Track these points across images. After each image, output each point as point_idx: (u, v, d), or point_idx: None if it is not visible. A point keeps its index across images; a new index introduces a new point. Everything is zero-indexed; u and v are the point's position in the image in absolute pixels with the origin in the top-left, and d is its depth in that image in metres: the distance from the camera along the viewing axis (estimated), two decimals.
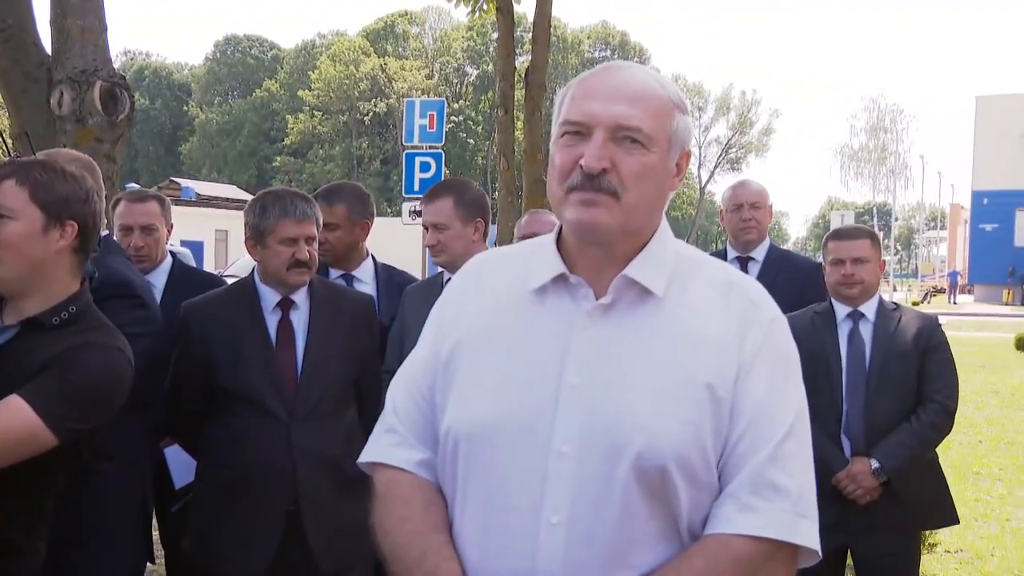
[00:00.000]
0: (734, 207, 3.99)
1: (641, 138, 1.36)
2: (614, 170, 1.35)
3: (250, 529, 2.60)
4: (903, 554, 3.18)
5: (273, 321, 2.73)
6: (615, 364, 1.36)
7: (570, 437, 1.34)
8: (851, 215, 30.17)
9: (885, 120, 56.37)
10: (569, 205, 1.38)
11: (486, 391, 1.40)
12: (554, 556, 1.32)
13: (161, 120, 70.05)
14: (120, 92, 3.66)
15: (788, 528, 1.34)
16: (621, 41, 69.19)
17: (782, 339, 1.43)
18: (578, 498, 1.32)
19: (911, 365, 3.15)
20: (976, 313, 30.99)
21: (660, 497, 1.33)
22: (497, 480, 1.36)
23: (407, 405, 1.52)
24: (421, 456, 1.48)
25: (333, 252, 3.46)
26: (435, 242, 3.11)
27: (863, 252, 3.19)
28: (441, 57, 67.59)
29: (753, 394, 1.37)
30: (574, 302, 1.41)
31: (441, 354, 1.48)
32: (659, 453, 1.31)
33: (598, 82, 1.41)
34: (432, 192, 3.19)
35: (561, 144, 1.40)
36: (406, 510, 1.44)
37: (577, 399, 1.35)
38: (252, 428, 2.63)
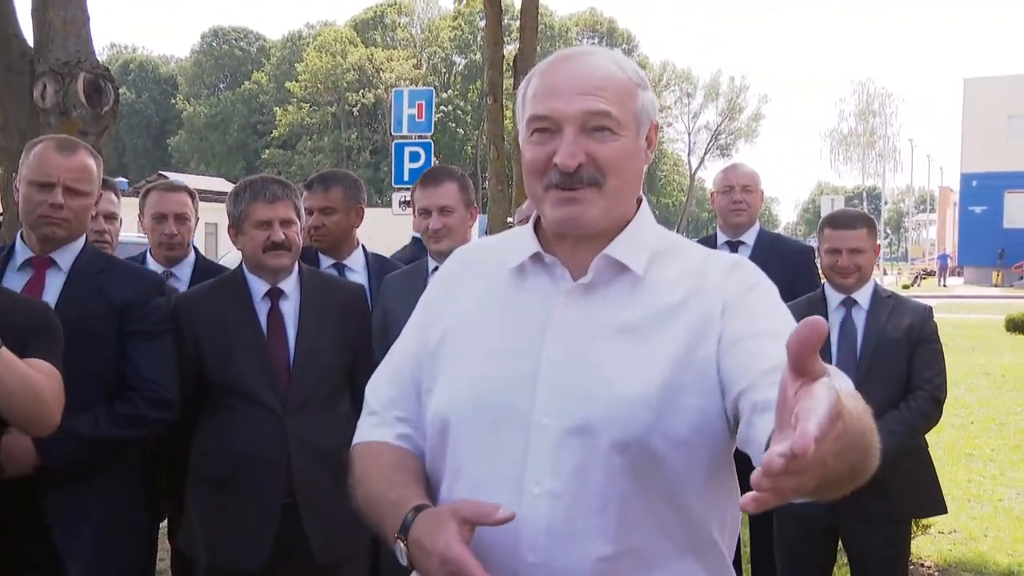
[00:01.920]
0: (725, 189, 3.99)
1: (611, 124, 1.37)
2: (590, 161, 1.37)
3: (246, 522, 2.59)
4: (893, 539, 3.19)
5: (263, 311, 2.71)
6: (593, 339, 1.38)
7: (550, 410, 1.35)
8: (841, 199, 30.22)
9: (874, 104, 56.43)
10: (548, 202, 1.40)
11: (468, 373, 1.42)
12: (536, 526, 1.33)
13: (148, 114, 69.62)
14: (104, 84, 3.62)
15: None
16: (609, 28, 69.04)
17: (770, 295, 1.40)
18: (558, 469, 1.33)
19: (901, 355, 3.14)
20: (966, 295, 31.13)
21: (644, 468, 1.33)
22: (481, 456, 1.38)
23: (391, 392, 1.54)
24: (400, 431, 1.50)
25: (331, 237, 3.47)
26: (441, 226, 3.06)
27: (860, 242, 3.17)
28: (429, 47, 67.31)
29: (747, 317, 1.34)
30: (552, 281, 1.44)
31: (428, 344, 1.49)
32: (637, 427, 1.31)
33: (559, 75, 1.41)
34: (434, 176, 3.15)
35: (531, 142, 1.41)
36: (379, 459, 1.47)
37: (556, 373, 1.36)
38: (245, 420, 2.61)
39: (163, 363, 2.52)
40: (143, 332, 2.50)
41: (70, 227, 2.46)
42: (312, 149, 62.46)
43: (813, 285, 3.37)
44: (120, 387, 2.47)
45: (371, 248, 3.69)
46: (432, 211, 3.07)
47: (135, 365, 2.47)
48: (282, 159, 62.50)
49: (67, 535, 2.39)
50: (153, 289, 2.59)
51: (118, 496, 2.50)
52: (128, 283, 2.54)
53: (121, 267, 2.62)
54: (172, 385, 2.52)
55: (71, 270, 2.49)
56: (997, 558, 4.90)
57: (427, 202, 3.09)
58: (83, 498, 2.42)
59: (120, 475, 2.52)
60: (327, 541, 2.63)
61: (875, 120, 55.97)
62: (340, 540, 2.66)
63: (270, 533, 2.58)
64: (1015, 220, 38.84)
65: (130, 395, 2.46)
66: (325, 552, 2.63)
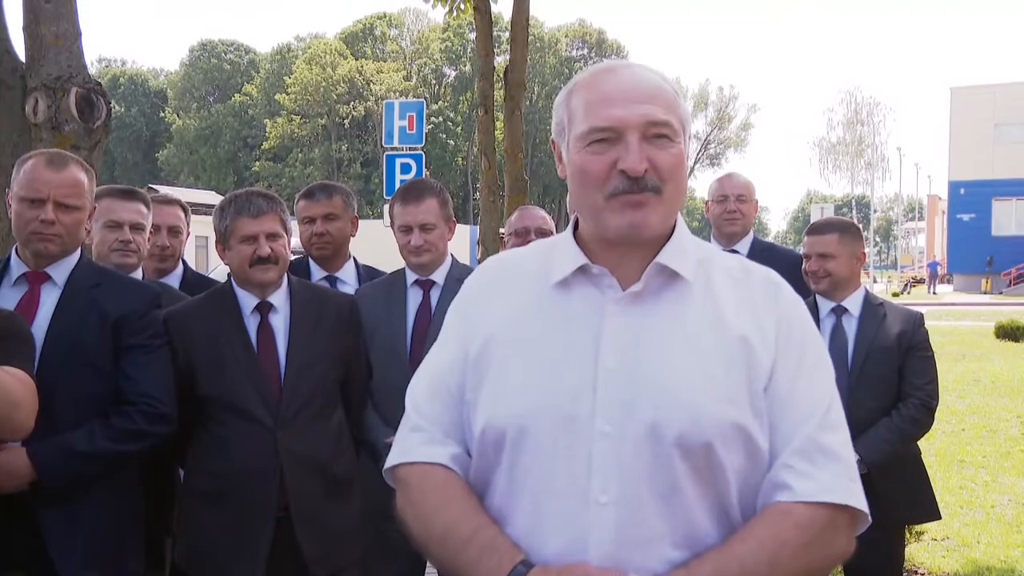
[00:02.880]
0: (720, 198, 4.00)
1: (669, 132, 1.41)
2: (652, 168, 1.39)
3: (240, 537, 2.58)
4: (886, 546, 3.20)
5: (252, 325, 2.70)
6: (649, 346, 1.40)
7: (611, 418, 1.37)
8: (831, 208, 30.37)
9: (862, 113, 56.79)
10: (613, 211, 1.41)
11: (522, 382, 1.42)
12: (605, 535, 1.34)
13: (138, 127, 69.53)
14: (96, 98, 3.62)
15: (845, 491, 1.37)
16: (598, 39, 69.31)
17: (807, 317, 1.50)
18: (624, 477, 1.35)
19: (893, 362, 3.17)
20: (956, 303, 31.26)
21: (706, 474, 1.36)
22: (543, 467, 1.39)
23: (432, 404, 1.52)
24: (452, 451, 1.49)
25: (335, 244, 3.50)
26: (422, 242, 3.07)
27: (828, 247, 3.21)
28: (419, 59, 67.46)
29: (791, 367, 1.42)
30: (599, 291, 1.45)
31: (470, 352, 1.49)
32: (700, 428, 1.35)
33: (611, 85, 1.43)
34: (415, 193, 3.14)
35: (590, 152, 1.42)
36: (448, 493, 1.45)
37: (615, 381, 1.38)
38: (237, 435, 2.60)
39: (160, 377, 2.51)
40: (139, 346, 2.49)
41: (63, 242, 2.45)
42: (303, 161, 62.45)
43: (805, 293, 3.39)
44: (117, 401, 2.45)
45: (362, 260, 3.70)
46: (414, 227, 3.08)
47: (132, 379, 2.46)
48: (272, 172, 62.46)
49: (63, 553, 2.37)
50: (149, 302, 2.58)
51: (114, 511, 2.48)
52: (123, 296, 2.53)
53: (117, 280, 2.60)
54: (169, 399, 2.51)
55: (66, 284, 2.48)
56: (990, 564, 4.90)
57: (408, 219, 3.09)
58: (79, 515, 2.40)
59: (116, 491, 2.50)
60: (321, 553, 2.63)
61: (863, 129, 56.32)
62: (334, 552, 2.66)
63: (264, 547, 2.57)
64: (1003, 227, 39.08)
65: (127, 409, 2.44)
66: (319, 564, 2.63)
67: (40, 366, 2.31)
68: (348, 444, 2.81)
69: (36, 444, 2.28)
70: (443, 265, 3.17)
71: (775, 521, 1.35)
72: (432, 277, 3.14)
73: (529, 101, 51.95)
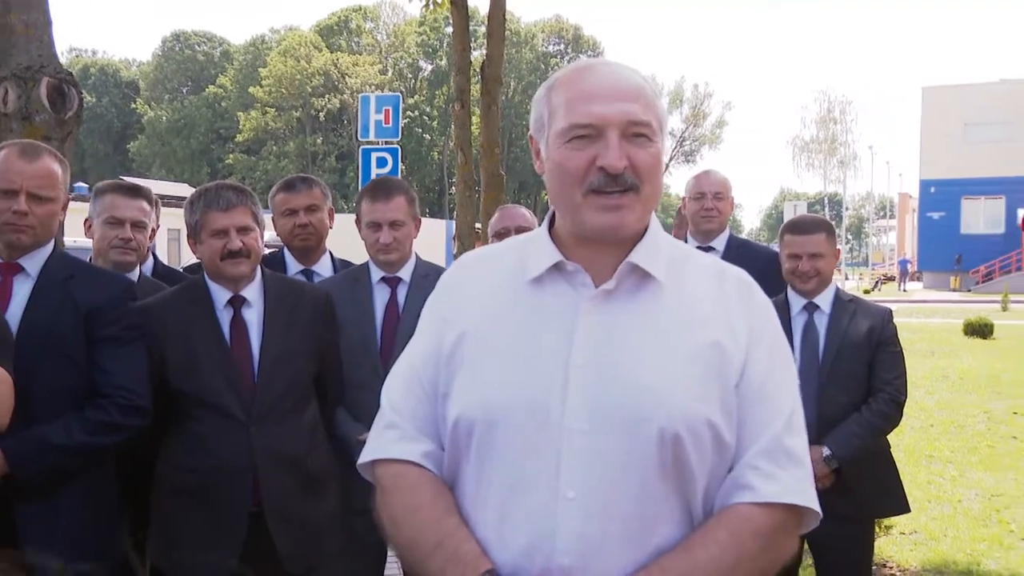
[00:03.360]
0: (697, 195, 4.02)
1: (648, 132, 1.43)
2: (631, 166, 1.40)
3: (213, 533, 2.56)
4: (856, 539, 3.24)
5: (226, 320, 2.67)
6: (622, 343, 1.41)
7: (582, 414, 1.38)
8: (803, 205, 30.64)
9: (835, 111, 57.30)
10: (590, 208, 1.42)
11: (495, 376, 1.43)
12: (572, 530, 1.35)
13: (109, 118, 68.63)
14: (68, 88, 3.57)
15: (805, 494, 1.41)
16: (575, 35, 69.33)
17: (777, 320, 1.52)
18: (593, 472, 1.36)
19: (863, 358, 3.20)
20: (925, 300, 31.66)
21: (674, 470, 1.38)
22: (512, 460, 1.40)
23: (407, 400, 1.53)
24: (425, 448, 1.50)
25: (317, 235, 3.51)
26: (392, 240, 3.09)
27: (819, 247, 3.22)
28: (395, 52, 67.14)
29: (760, 368, 1.44)
30: (573, 288, 1.46)
31: (443, 347, 1.50)
32: (671, 425, 1.36)
33: (593, 82, 1.44)
34: (384, 190, 3.15)
35: (570, 148, 1.43)
36: (416, 499, 1.46)
37: (586, 377, 1.39)
38: (210, 430, 2.58)
39: (135, 369, 2.49)
40: (113, 338, 2.47)
41: (36, 234, 2.42)
42: (277, 154, 61.95)
43: (779, 289, 3.41)
44: (91, 394, 2.43)
45: (338, 254, 3.69)
46: (383, 225, 3.09)
47: (106, 371, 2.44)
48: (246, 164, 61.91)
49: (39, 549, 2.33)
50: (123, 294, 2.55)
51: (90, 506, 2.46)
52: (97, 288, 2.50)
53: (91, 272, 2.58)
54: (144, 391, 2.48)
55: (39, 276, 2.45)
56: (957, 558, 4.99)
57: (378, 216, 3.10)
58: (56, 510, 2.38)
59: (92, 487, 2.48)
60: (295, 549, 2.62)
61: (836, 127, 56.84)
62: (308, 548, 2.64)
63: (238, 543, 2.56)
64: (972, 226, 39.62)
65: (102, 402, 2.42)
66: (293, 561, 2.61)
67: (14, 359, 2.28)
68: (323, 440, 2.79)
69: (10, 438, 2.25)
70: (409, 262, 3.18)
71: (735, 526, 1.37)
72: (399, 274, 3.15)
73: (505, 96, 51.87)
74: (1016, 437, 8.14)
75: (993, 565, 4.86)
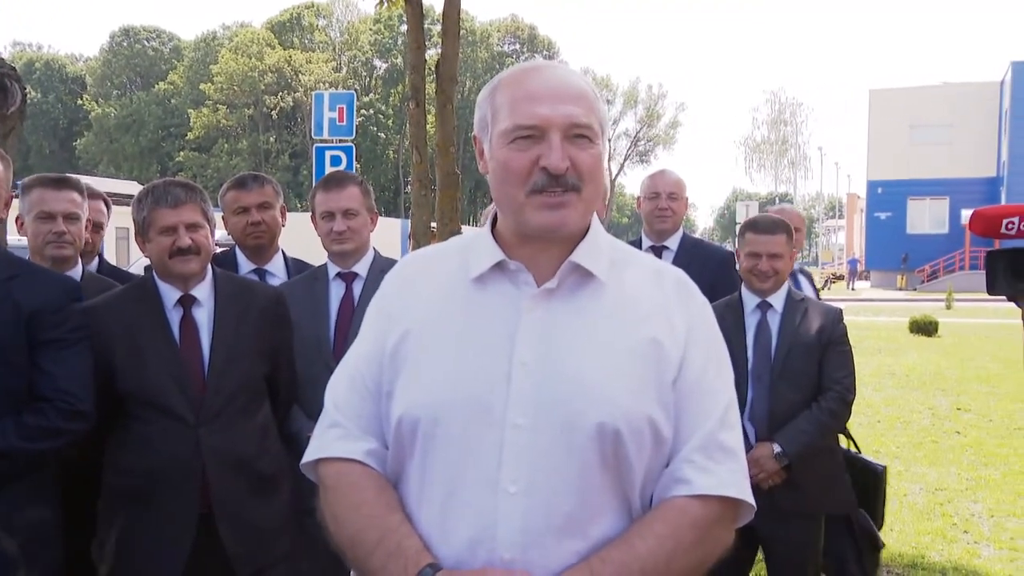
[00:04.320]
0: (651, 195, 4.05)
1: (590, 134, 1.45)
2: (573, 167, 1.43)
3: (161, 536, 2.51)
4: (806, 534, 3.30)
5: (175, 319, 2.63)
6: (563, 340, 1.44)
7: (525, 410, 1.40)
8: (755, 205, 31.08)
9: (785, 113, 58.36)
10: (532, 208, 1.44)
11: (438, 374, 1.44)
12: (513, 524, 1.37)
13: (54, 115, 67.05)
14: (10, 83, 3.48)
15: (739, 487, 1.45)
16: (530, 35, 69.50)
17: (714, 320, 1.56)
18: (534, 467, 1.38)
19: (813, 356, 3.25)
20: (873, 299, 32.34)
21: (613, 465, 1.40)
22: (455, 457, 1.41)
23: (350, 398, 1.54)
24: (368, 446, 1.51)
25: (270, 233, 3.49)
26: (345, 228, 3.08)
27: (779, 248, 3.26)
28: (349, 50, 66.61)
29: (697, 365, 1.47)
30: (515, 287, 1.48)
31: (387, 346, 1.51)
32: (611, 421, 1.39)
33: (537, 84, 1.46)
34: (336, 181, 3.16)
35: (513, 148, 1.45)
36: (359, 496, 1.47)
37: (528, 374, 1.41)
38: (158, 432, 2.54)
39: (77, 372, 2.43)
40: (57, 340, 2.41)
41: None
42: (229, 152, 61.08)
43: (733, 288, 3.45)
44: (32, 397, 2.37)
45: (291, 253, 3.65)
46: (336, 214, 3.08)
47: (48, 375, 2.38)
48: (198, 162, 60.96)
49: None
50: (66, 295, 2.49)
51: (25, 511, 2.39)
52: (39, 289, 2.43)
53: (35, 272, 2.51)
54: (86, 395, 2.43)
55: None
56: (903, 551, 5.10)
57: (331, 205, 3.09)
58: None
59: (32, 492, 2.41)
60: (245, 551, 2.58)
61: (787, 129, 57.90)
62: (259, 549, 2.61)
63: (186, 546, 2.52)
64: (917, 226, 40.52)
65: (42, 406, 2.36)
66: (244, 562, 2.58)
67: None
68: (274, 440, 2.76)
69: None
70: (366, 257, 3.16)
71: (673, 519, 1.41)
72: (354, 269, 3.13)
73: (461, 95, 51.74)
74: (959, 432, 8.36)
75: (937, 557, 4.99)
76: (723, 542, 1.46)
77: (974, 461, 7.25)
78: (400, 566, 1.36)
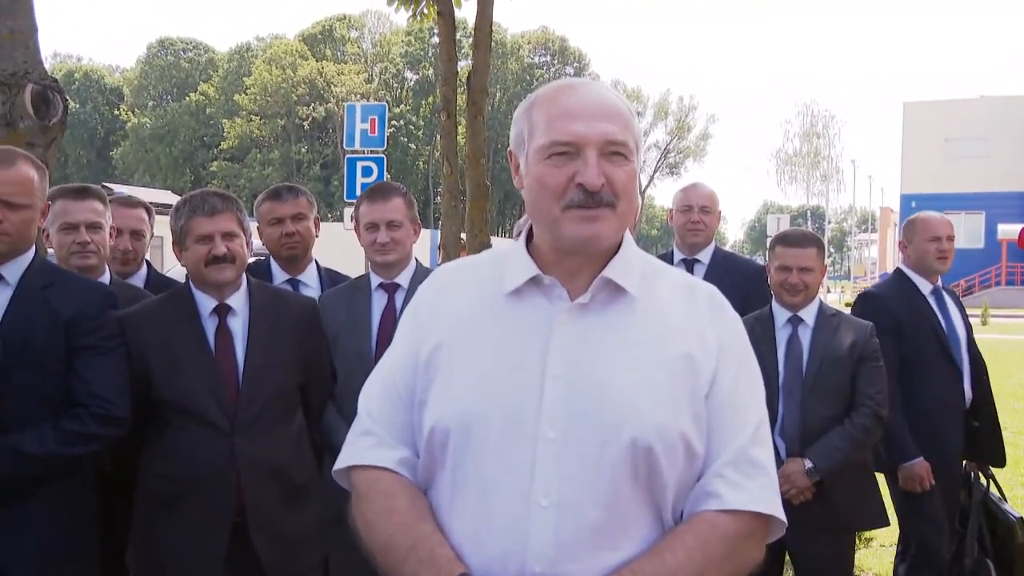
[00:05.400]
0: (684, 208, 4.03)
1: (625, 151, 1.47)
2: (608, 184, 1.44)
3: (195, 543, 2.55)
4: (837, 551, 3.27)
5: (211, 328, 2.66)
6: (595, 354, 1.45)
7: (556, 423, 1.41)
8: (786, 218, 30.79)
9: (818, 126, 57.79)
10: (568, 222, 1.45)
11: (471, 385, 1.46)
12: (545, 538, 1.38)
13: (92, 125, 68.18)
14: (52, 95, 3.54)
15: (770, 503, 1.45)
16: (560, 47, 69.62)
17: (745, 336, 1.56)
18: (566, 480, 1.39)
19: (845, 372, 3.22)
20: None
21: (645, 479, 1.41)
22: (487, 468, 1.42)
23: (382, 406, 1.56)
24: (400, 455, 1.53)
25: (304, 243, 3.53)
26: (389, 240, 3.09)
27: (810, 261, 3.25)
28: (380, 62, 67.16)
29: (729, 380, 1.48)
30: (549, 302, 1.49)
31: (421, 355, 1.52)
32: (643, 435, 1.39)
33: (573, 101, 1.48)
34: (381, 191, 3.18)
35: (549, 164, 1.46)
36: (391, 503, 1.48)
37: (561, 387, 1.42)
38: (193, 439, 2.57)
39: (113, 378, 2.47)
40: (93, 347, 2.45)
41: (12, 241, 2.40)
42: (261, 162, 61.74)
43: (764, 302, 3.43)
44: (68, 403, 2.41)
45: (323, 263, 3.69)
46: (380, 225, 3.10)
47: (84, 381, 2.42)
48: (231, 172, 61.68)
49: (8, 552, 2.33)
50: (103, 302, 2.53)
51: (63, 518, 2.44)
52: (76, 297, 2.48)
53: (70, 280, 2.55)
54: (122, 401, 2.47)
55: (18, 285, 2.43)
56: None
57: (375, 216, 3.11)
58: (28, 520, 2.36)
59: (67, 496, 2.46)
60: (278, 559, 2.61)
61: (819, 141, 57.33)
62: (291, 557, 2.63)
63: (220, 553, 2.55)
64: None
65: (78, 411, 2.40)
66: (276, 570, 2.60)
67: None
68: (307, 449, 2.79)
69: None
70: (408, 268, 3.18)
71: (703, 532, 1.41)
72: (397, 280, 3.15)
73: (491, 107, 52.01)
74: None
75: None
76: (753, 558, 1.46)
77: (1011, 480, 7.10)
78: (432, 575, 1.37)
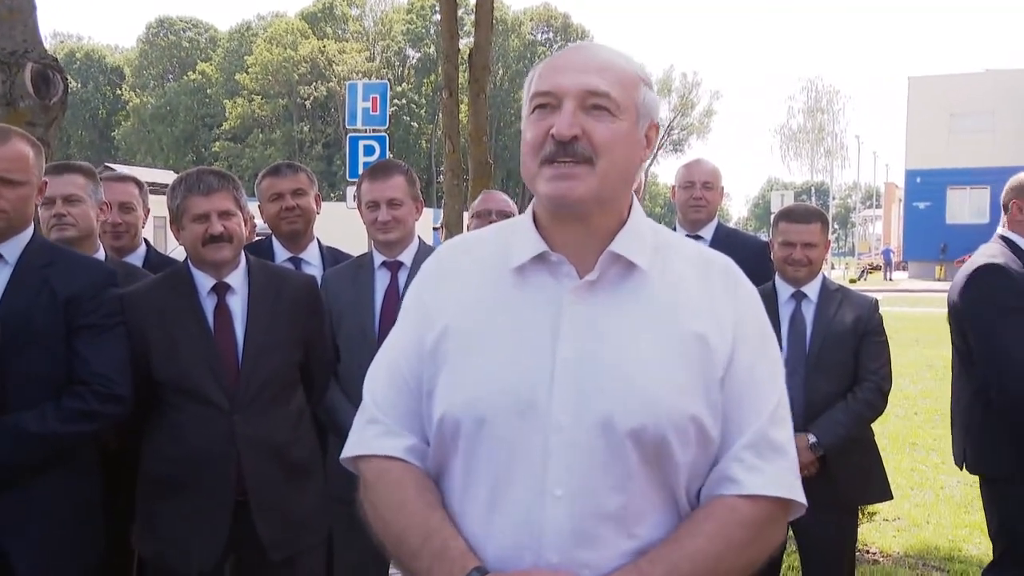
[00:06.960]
0: (686, 184, 4.01)
1: (609, 105, 1.39)
2: (585, 137, 1.37)
3: (198, 522, 2.55)
4: (840, 526, 3.27)
5: (209, 307, 2.65)
6: (606, 336, 1.39)
7: (568, 410, 1.36)
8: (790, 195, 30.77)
9: (822, 101, 57.42)
10: (542, 178, 1.40)
11: (480, 373, 1.41)
12: (560, 528, 1.35)
13: (93, 104, 68.02)
14: (52, 74, 3.54)
15: (789, 486, 1.41)
16: (563, 23, 69.12)
17: (763, 310, 1.51)
18: (579, 470, 1.35)
19: (849, 347, 3.22)
20: (910, 289, 31.84)
21: (658, 465, 1.37)
22: (500, 458, 1.38)
23: (388, 394, 1.51)
24: (408, 443, 1.49)
25: (305, 217, 3.52)
26: (390, 218, 3.09)
27: (813, 237, 3.24)
28: (382, 40, 66.78)
29: (746, 361, 1.43)
30: (555, 280, 1.44)
31: (426, 342, 1.47)
32: (656, 420, 1.35)
33: (566, 58, 1.45)
34: (383, 169, 3.18)
35: (532, 119, 1.42)
36: (401, 494, 1.44)
37: (572, 372, 1.38)
38: (193, 419, 2.56)
39: (114, 356, 2.47)
40: (93, 325, 2.44)
41: (8, 218, 2.38)
42: (263, 142, 61.60)
43: (767, 279, 3.43)
44: (70, 381, 2.41)
45: (325, 242, 3.68)
46: (381, 203, 3.09)
47: (84, 359, 2.41)
48: (232, 152, 61.56)
49: (12, 535, 2.33)
50: (103, 281, 2.52)
51: (67, 502, 2.44)
52: (76, 275, 2.47)
53: (71, 258, 2.54)
54: (123, 379, 2.46)
55: (17, 263, 2.42)
56: (939, 544, 5.04)
57: (376, 194, 3.10)
58: (31, 500, 2.36)
59: (71, 480, 2.46)
60: (280, 537, 2.61)
61: (823, 117, 56.98)
62: (293, 535, 2.64)
63: (222, 533, 2.55)
64: (956, 216, 39.79)
65: (79, 389, 2.40)
66: (278, 548, 2.60)
67: None
68: (308, 428, 2.79)
69: None
70: (411, 246, 3.17)
71: (722, 517, 1.37)
72: (400, 258, 3.14)
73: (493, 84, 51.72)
74: None
75: (974, 551, 4.92)
76: (774, 541, 1.42)
77: None
78: (446, 569, 1.34)
